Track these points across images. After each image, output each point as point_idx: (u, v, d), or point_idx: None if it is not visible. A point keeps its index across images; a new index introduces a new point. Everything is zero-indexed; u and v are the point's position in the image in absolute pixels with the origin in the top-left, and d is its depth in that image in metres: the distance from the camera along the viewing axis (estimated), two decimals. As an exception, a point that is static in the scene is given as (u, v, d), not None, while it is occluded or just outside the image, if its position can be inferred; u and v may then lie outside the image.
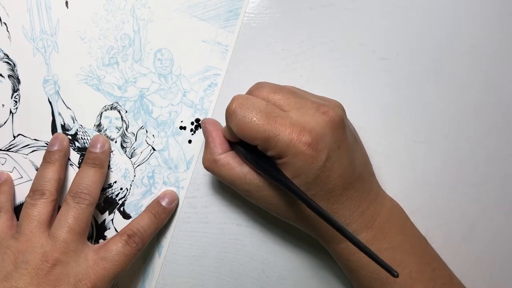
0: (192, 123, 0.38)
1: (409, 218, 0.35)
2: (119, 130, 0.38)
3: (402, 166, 0.35)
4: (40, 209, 0.34)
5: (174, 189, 0.39)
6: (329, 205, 0.31)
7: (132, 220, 0.37)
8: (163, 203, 0.37)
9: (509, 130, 0.38)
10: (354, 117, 0.34)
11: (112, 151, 0.38)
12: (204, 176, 0.39)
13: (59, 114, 0.38)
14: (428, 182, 0.38)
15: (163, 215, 0.37)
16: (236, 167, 0.32)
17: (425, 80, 0.38)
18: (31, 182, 0.36)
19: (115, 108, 0.38)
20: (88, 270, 0.33)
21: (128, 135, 0.38)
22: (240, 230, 0.39)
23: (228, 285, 0.39)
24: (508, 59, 0.38)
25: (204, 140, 0.35)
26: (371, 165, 0.35)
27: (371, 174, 0.35)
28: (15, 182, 0.38)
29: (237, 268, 0.39)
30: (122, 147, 0.38)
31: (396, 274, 0.23)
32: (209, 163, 0.33)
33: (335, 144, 0.30)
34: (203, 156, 0.34)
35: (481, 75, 0.38)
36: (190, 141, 0.38)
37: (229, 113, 0.30)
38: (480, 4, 0.38)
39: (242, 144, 0.32)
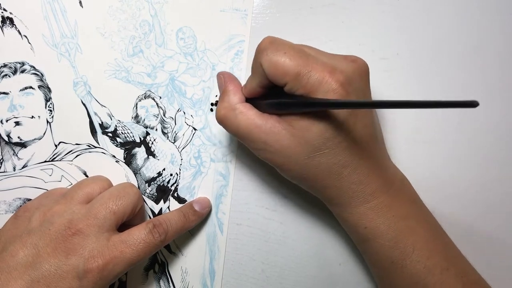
0: (227, 95, 0.38)
1: (417, 192, 0.34)
2: (157, 117, 0.38)
3: (402, 166, 0.35)
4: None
5: (222, 164, 0.38)
6: (351, 159, 0.30)
7: (162, 214, 0.37)
8: (196, 207, 0.37)
9: (509, 130, 0.38)
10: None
11: (154, 139, 0.38)
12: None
13: (95, 113, 0.38)
14: (428, 182, 0.38)
15: (193, 217, 0.37)
16: (255, 116, 0.30)
17: (425, 80, 0.38)
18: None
19: (149, 96, 0.38)
20: (105, 249, 0.31)
21: (167, 120, 0.38)
22: (240, 229, 0.39)
23: (228, 285, 0.39)
24: (508, 59, 0.38)
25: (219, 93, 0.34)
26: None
27: (384, 142, 0.34)
28: (66, 190, 0.38)
29: (237, 268, 0.39)
30: (164, 133, 0.38)
31: (476, 102, 0.19)
32: (226, 111, 0.31)
33: (361, 92, 0.29)
34: (218, 106, 0.32)
35: (481, 75, 0.38)
36: (229, 113, 0.38)
37: (261, 50, 0.29)
38: (480, 4, 0.38)
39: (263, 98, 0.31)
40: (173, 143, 0.38)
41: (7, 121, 0.38)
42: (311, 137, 0.29)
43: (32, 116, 0.38)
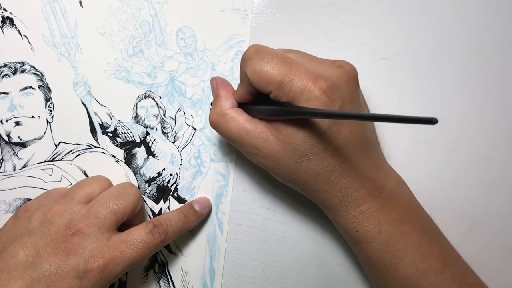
0: (227, 95, 0.38)
1: (414, 195, 0.34)
2: (157, 117, 0.38)
3: (402, 166, 0.35)
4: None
5: (222, 164, 0.38)
6: (338, 164, 0.30)
7: (163, 214, 0.37)
8: (196, 207, 0.37)
9: (509, 130, 0.38)
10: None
11: (154, 139, 0.38)
12: (250, 144, 0.38)
13: (95, 113, 0.38)
14: (428, 182, 0.38)
15: (193, 217, 0.37)
16: (245, 121, 0.31)
17: (425, 80, 0.38)
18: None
19: (149, 96, 0.38)
20: (105, 249, 0.31)
21: (167, 120, 0.38)
22: (240, 229, 0.39)
23: (228, 285, 0.39)
24: (508, 59, 0.38)
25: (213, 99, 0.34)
26: (377, 135, 0.34)
27: (378, 142, 0.34)
28: (66, 190, 0.38)
29: (237, 268, 0.39)
30: (164, 133, 0.38)
31: (435, 119, 0.19)
32: (218, 117, 0.32)
33: (348, 98, 0.29)
34: (210, 111, 0.33)
35: (481, 75, 0.38)
36: (229, 113, 0.38)
37: (245, 59, 0.30)
38: (480, 4, 0.38)
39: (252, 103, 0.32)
40: (173, 143, 0.38)
41: (7, 121, 0.38)
42: (296, 143, 0.29)
43: (32, 116, 0.38)
